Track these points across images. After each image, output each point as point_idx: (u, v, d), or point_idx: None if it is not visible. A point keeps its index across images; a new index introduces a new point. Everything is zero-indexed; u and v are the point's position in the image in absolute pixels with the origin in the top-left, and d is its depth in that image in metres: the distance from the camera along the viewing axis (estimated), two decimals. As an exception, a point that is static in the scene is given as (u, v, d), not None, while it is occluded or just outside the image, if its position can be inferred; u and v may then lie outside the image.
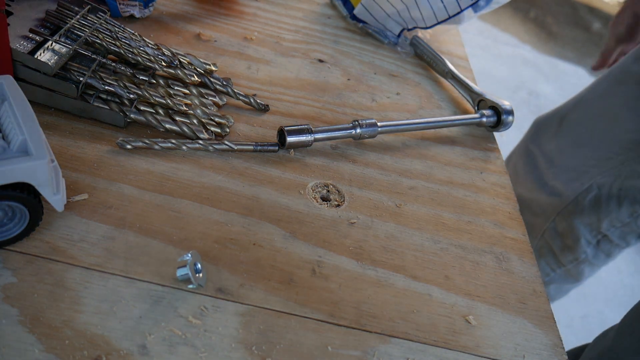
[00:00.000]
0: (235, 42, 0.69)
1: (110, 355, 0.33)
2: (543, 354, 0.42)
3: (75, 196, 0.42)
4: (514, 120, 0.64)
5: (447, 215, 0.52)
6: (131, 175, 0.45)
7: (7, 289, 0.35)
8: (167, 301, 0.37)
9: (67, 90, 0.47)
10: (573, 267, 1.04)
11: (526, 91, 2.88)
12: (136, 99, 0.50)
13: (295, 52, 0.71)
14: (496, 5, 0.76)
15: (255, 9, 0.78)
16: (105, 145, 0.48)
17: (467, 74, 0.76)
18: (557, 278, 1.08)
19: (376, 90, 0.68)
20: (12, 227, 0.37)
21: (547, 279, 1.10)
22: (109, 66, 0.52)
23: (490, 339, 0.42)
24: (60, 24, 0.51)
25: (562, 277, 1.07)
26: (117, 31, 0.54)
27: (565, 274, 1.06)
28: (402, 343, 0.40)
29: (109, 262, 0.38)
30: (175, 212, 0.43)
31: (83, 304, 0.35)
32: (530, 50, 3.21)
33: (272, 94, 0.62)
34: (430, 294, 0.44)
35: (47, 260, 0.37)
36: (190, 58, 0.58)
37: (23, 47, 0.46)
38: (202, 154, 0.50)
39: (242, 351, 0.36)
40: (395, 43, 0.79)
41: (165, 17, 0.69)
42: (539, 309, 0.45)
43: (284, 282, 0.41)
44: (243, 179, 0.49)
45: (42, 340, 0.33)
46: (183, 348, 0.35)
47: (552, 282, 1.10)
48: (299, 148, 0.54)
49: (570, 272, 1.05)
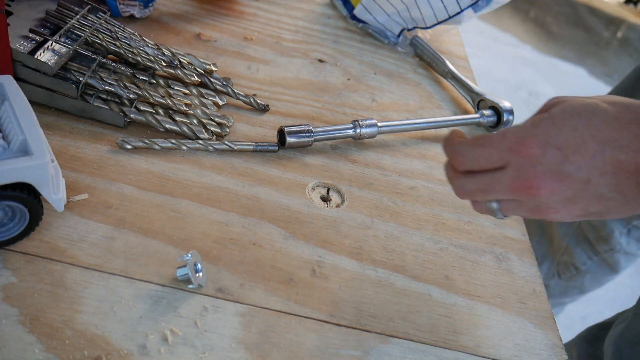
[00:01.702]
0: (235, 42, 0.69)
1: (110, 355, 0.33)
2: (543, 354, 0.42)
3: (75, 196, 0.42)
4: (514, 120, 0.64)
5: (447, 215, 0.52)
6: (131, 175, 0.45)
7: (7, 289, 0.35)
8: (167, 301, 0.37)
9: (67, 90, 0.47)
10: (609, 257, 1.04)
11: (526, 91, 2.88)
12: (136, 99, 0.50)
13: (295, 52, 0.71)
14: (496, 5, 0.76)
15: (255, 9, 0.78)
16: (105, 145, 0.47)
17: (467, 74, 0.76)
18: (593, 267, 1.08)
19: (376, 90, 0.68)
20: (12, 227, 0.37)
21: (583, 267, 1.10)
22: (109, 66, 0.52)
23: (490, 339, 0.42)
24: (60, 24, 0.51)
25: (598, 265, 1.07)
26: (117, 31, 0.54)
27: (602, 262, 1.06)
28: (402, 343, 0.40)
29: (109, 262, 0.38)
30: (175, 212, 0.43)
31: (83, 304, 0.35)
32: (530, 50, 3.21)
33: (272, 94, 0.62)
34: (430, 294, 0.44)
35: (47, 260, 0.37)
36: (190, 58, 0.58)
37: (23, 47, 0.46)
38: (202, 154, 0.50)
39: (242, 351, 0.36)
40: (395, 43, 0.79)
41: (165, 17, 0.69)
42: (539, 309, 0.45)
43: (284, 282, 0.41)
44: (243, 179, 0.49)
45: (42, 340, 0.33)
46: (183, 348, 0.35)
47: (588, 271, 1.10)
48: (299, 148, 0.54)
49: (606, 260, 1.05)
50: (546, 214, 0.38)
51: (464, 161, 0.40)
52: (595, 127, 0.36)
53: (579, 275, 1.13)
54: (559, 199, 0.37)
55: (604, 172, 0.36)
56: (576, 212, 0.37)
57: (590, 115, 0.36)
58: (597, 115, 0.36)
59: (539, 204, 0.37)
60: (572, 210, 0.37)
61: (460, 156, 0.40)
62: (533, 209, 0.38)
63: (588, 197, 0.36)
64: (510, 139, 0.38)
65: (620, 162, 0.35)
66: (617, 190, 0.36)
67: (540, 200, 0.37)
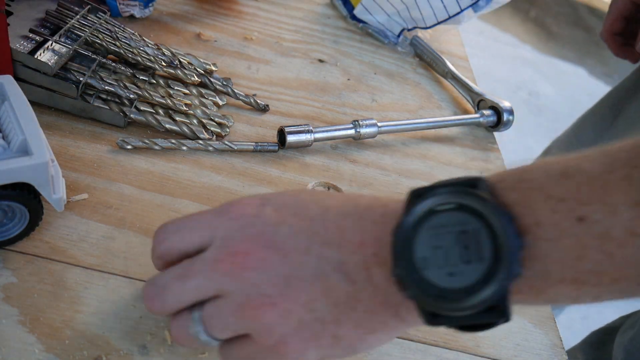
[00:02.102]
0: (235, 42, 0.69)
1: (110, 355, 0.33)
2: (543, 354, 0.42)
3: (75, 196, 0.42)
4: (514, 120, 0.64)
5: (447, 215, 0.52)
6: (131, 175, 0.45)
7: (7, 289, 0.35)
8: (167, 301, 0.37)
9: (67, 90, 0.47)
10: None
11: (526, 91, 2.88)
12: (136, 99, 0.50)
13: (295, 52, 0.71)
14: (496, 5, 0.76)
15: (255, 9, 0.78)
16: (105, 145, 0.47)
17: (467, 74, 0.76)
18: None
19: (376, 90, 0.68)
20: (12, 227, 0.37)
21: None
22: (108, 66, 0.52)
23: (490, 339, 0.42)
24: (60, 24, 0.51)
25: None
26: (117, 31, 0.54)
27: None
28: (402, 343, 0.40)
29: (109, 262, 0.38)
30: (175, 212, 0.43)
31: (83, 304, 0.35)
32: (530, 50, 3.21)
33: (272, 94, 0.62)
34: (430, 294, 0.44)
35: (47, 260, 0.37)
36: (190, 58, 0.58)
37: (23, 47, 0.46)
38: (202, 154, 0.50)
39: (242, 351, 0.35)
40: (395, 43, 0.79)
41: (165, 17, 0.69)
42: (539, 309, 0.45)
43: (284, 282, 0.41)
44: (243, 179, 0.49)
45: (42, 340, 0.33)
46: (183, 348, 0.35)
47: None
48: (299, 148, 0.54)
49: None
50: (259, 312, 0.28)
51: (160, 240, 0.32)
52: (319, 197, 0.31)
53: None
54: (272, 279, 0.28)
55: (326, 241, 0.29)
56: (301, 311, 0.28)
57: (317, 193, 0.33)
58: (324, 192, 0.32)
59: (248, 290, 0.28)
60: (293, 306, 0.28)
61: (159, 236, 0.32)
62: (244, 303, 0.28)
63: (310, 279, 0.28)
64: (219, 207, 0.31)
65: (342, 231, 0.29)
66: (344, 271, 0.28)
67: (248, 282, 0.28)
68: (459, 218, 0.26)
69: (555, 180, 0.25)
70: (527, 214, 0.25)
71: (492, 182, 0.27)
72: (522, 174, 0.26)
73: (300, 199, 0.31)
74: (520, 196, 0.25)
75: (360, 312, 0.28)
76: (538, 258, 0.25)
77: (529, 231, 0.25)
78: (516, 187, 0.26)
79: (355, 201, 0.30)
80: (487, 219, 0.25)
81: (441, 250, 0.26)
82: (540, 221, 0.25)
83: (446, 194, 0.26)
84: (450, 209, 0.26)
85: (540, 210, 0.25)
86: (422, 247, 0.26)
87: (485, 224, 0.25)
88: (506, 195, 0.26)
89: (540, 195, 0.25)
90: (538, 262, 0.25)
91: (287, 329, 0.28)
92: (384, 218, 0.29)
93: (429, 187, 0.27)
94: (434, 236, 0.26)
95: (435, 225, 0.26)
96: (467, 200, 0.26)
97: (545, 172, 0.25)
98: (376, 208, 0.29)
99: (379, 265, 0.28)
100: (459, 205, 0.26)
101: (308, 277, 0.28)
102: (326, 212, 0.30)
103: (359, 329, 0.29)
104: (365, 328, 0.29)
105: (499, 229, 0.25)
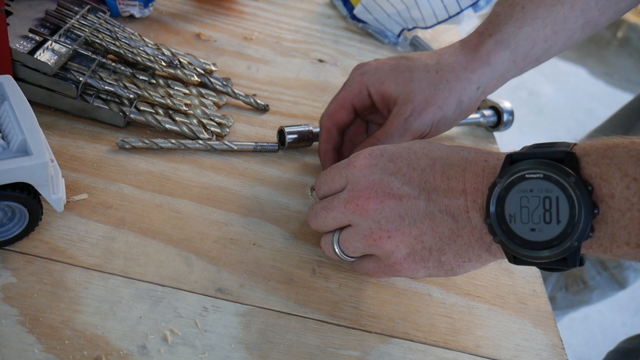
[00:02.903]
0: (235, 42, 0.69)
1: (110, 355, 0.33)
2: (543, 354, 0.42)
3: (75, 196, 0.42)
4: (514, 120, 0.64)
5: (447, 215, 0.52)
6: (131, 175, 0.45)
7: (7, 289, 0.35)
8: (167, 301, 0.37)
9: (66, 90, 0.47)
10: (618, 273, 1.04)
11: (526, 91, 2.88)
12: (136, 99, 0.50)
13: (295, 52, 0.71)
14: (496, 5, 0.76)
15: (255, 9, 0.78)
16: (105, 145, 0.47)
17: (467, 74, 0.76)
18: (601, 282, 1.08)
19: (376, 90, 0.68)
20: (12, 227, 0.37)
21: (592, 282, 1.10)
22: (108, 66, 0.52)
23: (490, 339, 0.42)
24: (60, 24, 0.51)
25: (607, 281, 1.07)
26: (117, 31, 0.54)
27: (610, 278, 1.06)
28: (402, 343, 0.40)
29: (108, 262, 0.38)
30: (175, 212, 0.43)
31: (83, 304, 0.35)
32: (530, 50, 3.20)
33: (272, 94, 0.62)
34: (430, 294, 0.44)
35: (46, 260, 0.37)
36: (190, 58, 0.58)
37: (23, 47, 0.46)
38: (202, 154, 0.50)
39: (242, 351, 0.36)
40: (395, 43, 0.79)
41: (165, 17, 0.69)
42: (539, 309, 0.45)
43: (284, 282, 0.41)
44: (243, 179, 0.49)
45: (42, 340, 0.33)
46: (183, 348, 0.35)
47: (597, 287, 1.10)
48: (298, 148, 0.54)
49: (615, 277, 1.05)
50: (379, 242, 0.36)
51: (317, 184, 0.42)
52: (428, 148, 0.38)
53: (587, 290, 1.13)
54: (390, 218, 0.36)
55: (434, 188, 0.36)
56: (412, 242, 0.36)
57: (427, 143, 0.39)
58: (433, 143, 0.39)
59: (371, 224, 0.36)
60: (406, 238, 0.36)
61: (317, 180, 0.42)
62: (367, 234, 0.37)
63: (420, 218, 0.36)
64: (348, 159, 0.39)
65: (449, 179, 0.35)
66: (448, 212, 0.35)
67: (371, 219, 0.36)
68: (544, 185, 0.31)
69: (634, 161, 0.29)
70: (604, 186, 0.30)
71: (579, 155, 0.31)
72: (606, 150, 0.31)
73: (412, 151, 0.38)
74: (601, 171, 0.30)
75: (459, 245, 0.35)
76: (609, 223, 0.30)
77: (604, 201, 0.30)
78: (599, 162, 0.30)
79: (460, 154, 0.36)
80: (568, 190, 0.30)
81: (526, 209, 0.32)
82: (615, 194, 0.29)
83: (536, 165, 0.32)
84: (538, 177, 0.32)
85: (617, 186, 0.29)
86: (511, 204, 0.32)
87: (566, 194, 0.31)
88: (589, 168, 0.31)
89: (619, 173, 0.29)
90: (608, 226, 0.30)
91: (402, 255, 0.36)
92: (484, 172, 0.35)
93: (522, 154, 0.33)
94: (522, 197, 0.32)
95: (524, 189, 0.32)
96: (553, 172, 0.31)
97: (627, 153, 0.30)
98: (478, 162, 0.35)
99: (477, 210, 0.34)
100: (545, 175, 0.31)
101: (419, 216, 0.36)
102: (435, 163, 0.36)
103: (457, 257, 0.36)
104: (463, 257, 0.36)
105: (577, 201, 0.30)
